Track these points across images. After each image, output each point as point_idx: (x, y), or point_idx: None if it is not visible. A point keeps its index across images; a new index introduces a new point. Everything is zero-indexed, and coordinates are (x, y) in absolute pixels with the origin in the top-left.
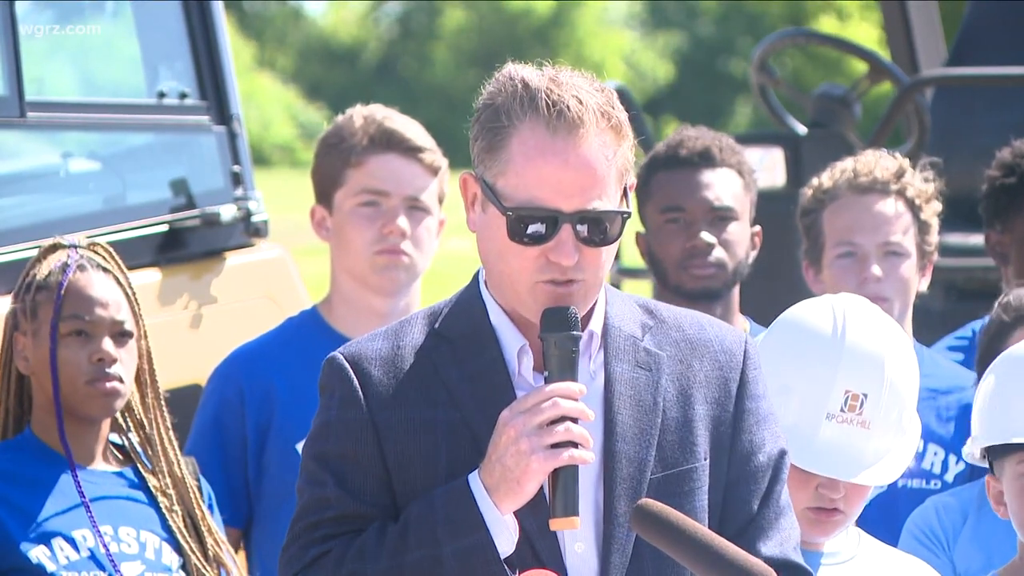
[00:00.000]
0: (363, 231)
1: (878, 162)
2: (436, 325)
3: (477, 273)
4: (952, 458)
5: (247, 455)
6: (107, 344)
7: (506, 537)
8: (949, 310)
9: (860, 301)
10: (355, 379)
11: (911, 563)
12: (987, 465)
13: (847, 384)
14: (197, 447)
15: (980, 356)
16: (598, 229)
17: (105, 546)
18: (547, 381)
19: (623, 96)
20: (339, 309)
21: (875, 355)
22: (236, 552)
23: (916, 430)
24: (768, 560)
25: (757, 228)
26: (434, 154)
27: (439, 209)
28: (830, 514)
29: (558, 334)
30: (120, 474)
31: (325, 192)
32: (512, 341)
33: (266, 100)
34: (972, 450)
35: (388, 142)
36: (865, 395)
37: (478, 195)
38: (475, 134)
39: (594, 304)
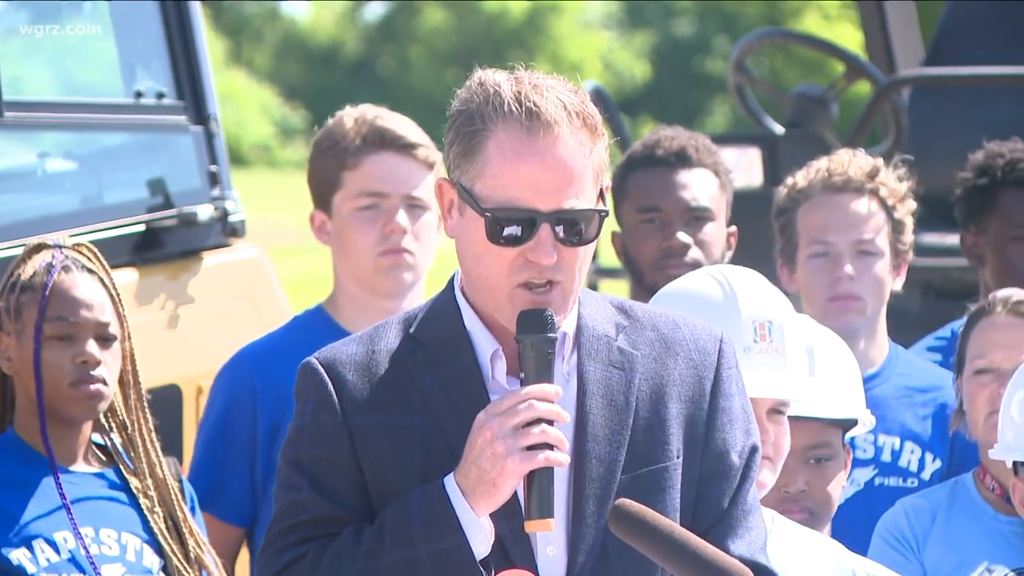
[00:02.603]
0: (365, 234)
1: (852, 161)
2: (411, 330)
3: (452, 277)
4: (929, 456)
5: (256, 453)
6: (91, 346)
7: (481, 539)
8: (926, 310)
9: (735, 267)
10: (330, 384)
11: (823, 542)
12: (1008, 465)
13: (752, 316)
14: (205, 444)
15: (958, 354)
16: (576, 228)
17: (86, 548)
18: (523, 383)
19: (601, 97)
20: (346, 309)
21: (767, 293)
22: (238, 552)
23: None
24: (736, 559)
25: (733, 228)
26: (428, 149)
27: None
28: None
29: (534, 336)
30: (101, 475)
31: (323, 196)
32: (486, 346)
33: (243, 99)
34: (1002, 456)
35: (382, 141)
36: (770, 322)
37: (455, 200)
38: (450, 140)
39: None
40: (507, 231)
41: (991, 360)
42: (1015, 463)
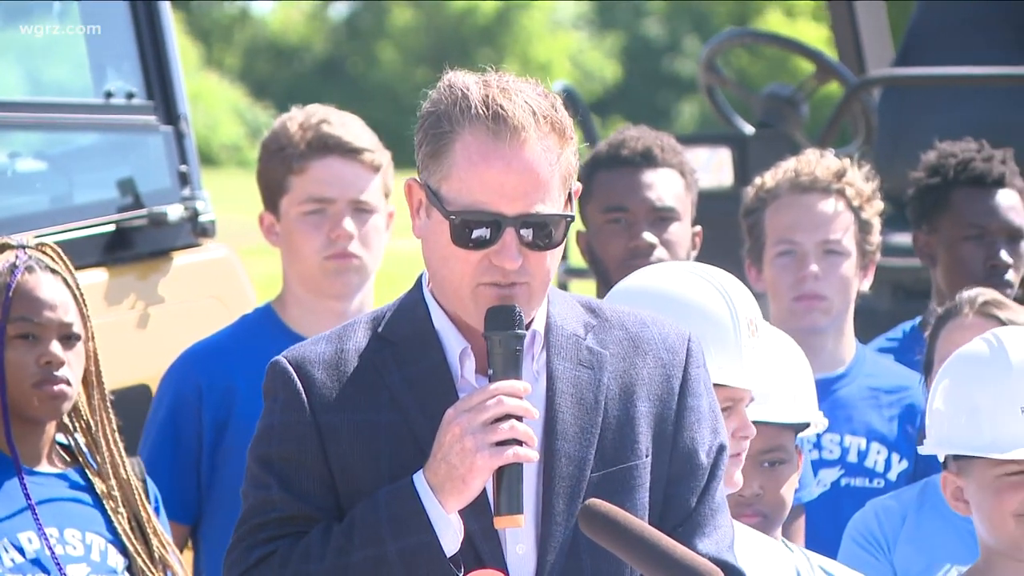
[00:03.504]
0: (311, 238)
1: (820, 162)
2: (379, 329)
3: (420, 277)
4: (895, 456)
5: (202, 452)
6: (55, 347)
7: (451, 536)
8: (896, 310)
9: (715, 268)
10: (298, 382)
11: (770, 543)
12: (941, 459)
13: (747, 315)
14: (152, 442)
15: (926, 354)
16: (541, 233)
17: (51, 548)
18: (491, 380)
19: (571, 97)
20: (293, 310)
21: (746, 290)
22: (183, 549)
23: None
24: (703, 557)
25: (698, 228)
26: (373, 152)
27: (385, 203)
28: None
29: (502, 332)
30: (64, 476)
31: (271, 199)
32: (454, 344)
33: (213, 100)
34: (932, 451)
35: (326, 146)
36: (757, 317)
37: (423, 201)
38: (419, 140)
39: None
40: (472, 235)
41: None
42: (946, 457)
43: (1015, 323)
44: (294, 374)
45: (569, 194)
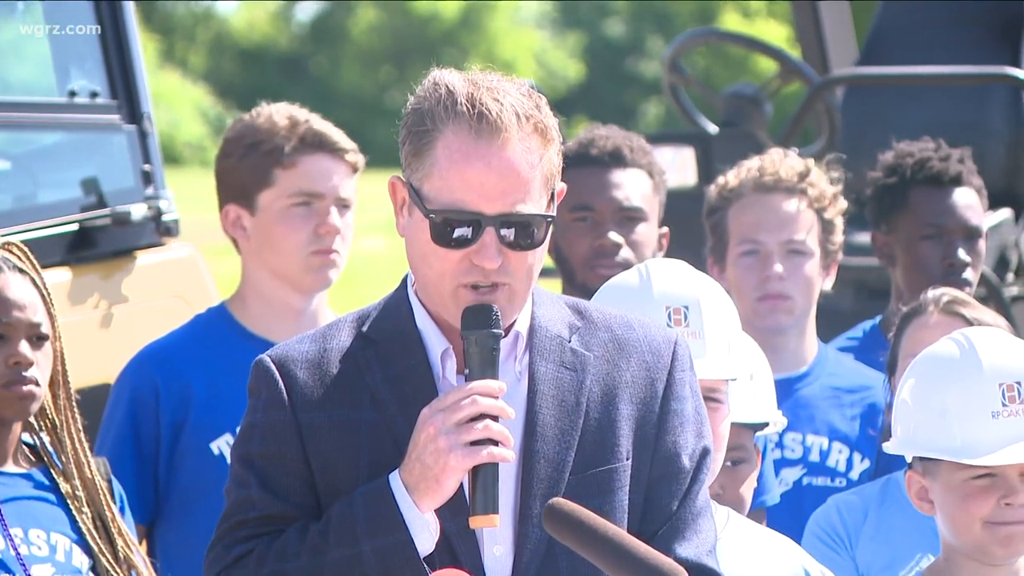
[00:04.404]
0: (297, 231)
1: (783, 162)
2: (364, 328)
3: (406, 277)
4: (857, 456)
5: (159, 452)
6: (24, 347)
7: (426, 536)
8: (859, 309)
9: (664, 259)
10: (280, 381)
11: (778, 541)
12: (908, 460)
13: (666, 301)
14: (111, 443)
15: (890, 353)
16: (523, 233)
17: (15, 549)
18: (468, 379)
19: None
20: (253, 307)
21: (683, 277)
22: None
23: (747, 355)
24: (682, 562)
25: (664, 229)
26: (356, 153)
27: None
28: None
29: (478, 332)
30: (29, 475)
31: (246, 192)
32: (436, 344)
33: (176, 99)
34: (899, 450)
35: (319, 143)
36: (686, 307)
37: (406, 200)
38: (403, 138)
39: None
40: (451, 233)
41: None
42: (912, 457)
43: (981, 322)
44: (276, 373)
45: (552, 194)
